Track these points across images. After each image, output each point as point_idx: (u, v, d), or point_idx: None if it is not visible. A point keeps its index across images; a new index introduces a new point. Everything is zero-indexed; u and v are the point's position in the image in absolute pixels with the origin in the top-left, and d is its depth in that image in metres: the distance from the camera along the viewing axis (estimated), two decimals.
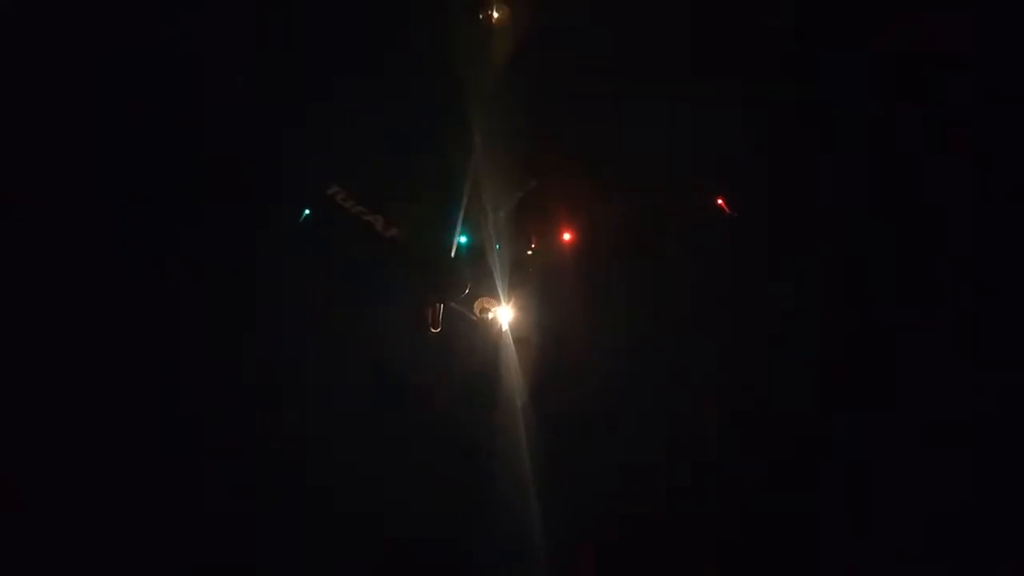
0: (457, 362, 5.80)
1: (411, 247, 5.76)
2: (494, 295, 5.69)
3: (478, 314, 5.73)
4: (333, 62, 6.25)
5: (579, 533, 5.53)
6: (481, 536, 5.61)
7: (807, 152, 5.90)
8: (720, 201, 5.90)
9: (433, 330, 5.71)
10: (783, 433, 5.66)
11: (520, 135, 5.82)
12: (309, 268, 6.02)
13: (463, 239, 5.79)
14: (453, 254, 5.76)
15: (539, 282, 5.84)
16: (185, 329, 6.03)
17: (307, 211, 5.95)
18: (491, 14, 6.03)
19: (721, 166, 5.94)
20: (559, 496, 5.55)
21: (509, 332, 5.73)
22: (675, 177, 5.92)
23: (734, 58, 5.85)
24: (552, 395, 5.70)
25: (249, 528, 5.73)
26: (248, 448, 5.84)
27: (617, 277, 5.91)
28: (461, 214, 5.76)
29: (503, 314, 5.75)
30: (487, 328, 5.76)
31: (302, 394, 5.97)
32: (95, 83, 6.30)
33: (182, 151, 6.19)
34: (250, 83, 6.28)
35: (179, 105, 6.25)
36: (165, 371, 5.94)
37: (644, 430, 5.70)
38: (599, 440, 5.67)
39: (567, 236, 5.96)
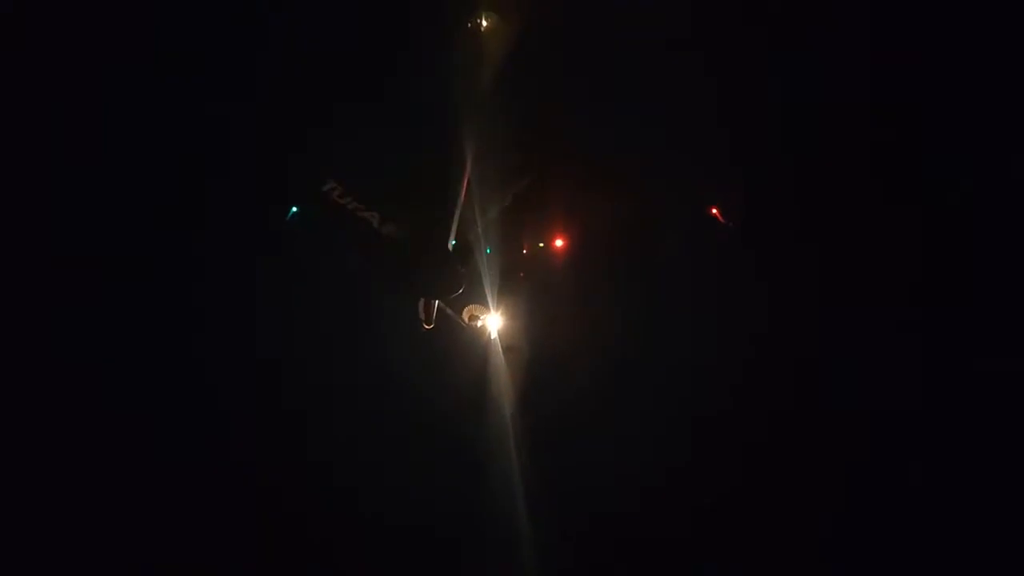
0: (447, 371, 5.80)
1: (407, 244, 5.73)
2: (483, 302, 5.65)
3: (467, 321, 5.70)
4: (328, 61, 6.18)
5: (569, 541, 5.59)
6: (471, 543, 5.65)
7: (802, 156, 5.79)
8: (714, 211, 5.78)
9: (426, 327, 5.68)
10: (774, 443, 5.65)
11: (512, 138, 5.71)
12: (303, 265, 6.03)
13: (454, 242, 5.75)
14: (449, 251, 5.72)
15: (529, 289, 5.78)
16: (178, 329, 6.07)
17: (294, 209, 5.91)
18: (479, 21, 5.93)
19: (715, 171, 5.84)
20: (549, 505, 5.59)
21: (498, 340, 5.69)
22: (668, 183, 5.81)
23: (728, 61, 5.67)
24: (541, 404, 5.72)
25: (245, 527, 5.83)
26: (241, 449, 5.92)
27: (608, 285, 5.86)
28: (458, 212, 5.71)
29: (492, 322, 5.70)
30: (476, 336, 5.73)
31: (296, 394, 6.01)
32: (96, 82, 6.29)
33: (176, 148, 6.18)
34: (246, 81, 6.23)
35: (175, 103, 6.22)
36: (158, 372, 6.00)
37: (634, 439, 5.70)
38: (589, 449, 5.68)
39: (559, 243, 5.89)
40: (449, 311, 5.72)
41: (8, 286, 5.99)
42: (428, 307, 5.63)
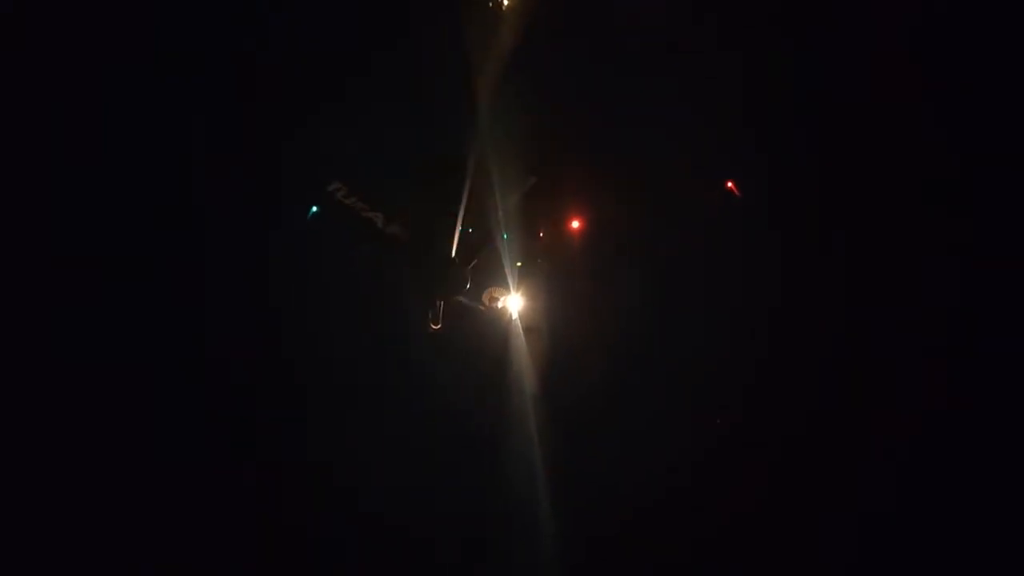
0: (466, 352, 5.85)
1: (411, 243, 5.79)
2: (503, 284, 5.73)
3: (487, 303, 5.77)
4: (335, 58, 6.23)
5: (588, 521, 5.63)
6: (491, 525, 5.72)
7: (812, 148, 5.92)
8: (730, 184, 5.90)
9: (433, 327, 5.73)
10: (790, 421, 5.75)
11: (528, 124, 5.82)
12: (309, 265, 6.05)
13: (469, 230, 5.81)
14: (454, 250, 5.77)
15: (548, 271, 5.88)
16: (190, 329, 6.04)
17: (314, 208, 5.95)
18: (500, 1, 6.04)
19: (728, 157, 5.99)
20: (569, 485, 5.65)
21: (519, 321, 5.77)
22: (683, 167, 5.94)
23: (740, 51, 5.85)
24: (561, 383, 5.78)
25: (262, 525, 5.81)
26: (256, 445, 5.92)
27: (626, 266, 5.96)
28: (462, 210, 5.75)
29: (513, 303, 5.79)
30: (496, 317, 5.80)
31: (307, 389, 6.02)
32: (99, 84, 6.28)
33: (185, 151, 6.19)
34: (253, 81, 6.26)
35: (183, 104, 6.23)
36: (170, 370, 5.95)
37: (652, 420, 5.78)
38: (608, 430, 5.77)
39: (576, 224, 5.99)
40: (463, 299, 5.77)
41: (8, 286, 5.94)
42: (434, 307, 5.70)
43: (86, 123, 6.18)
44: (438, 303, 5.72)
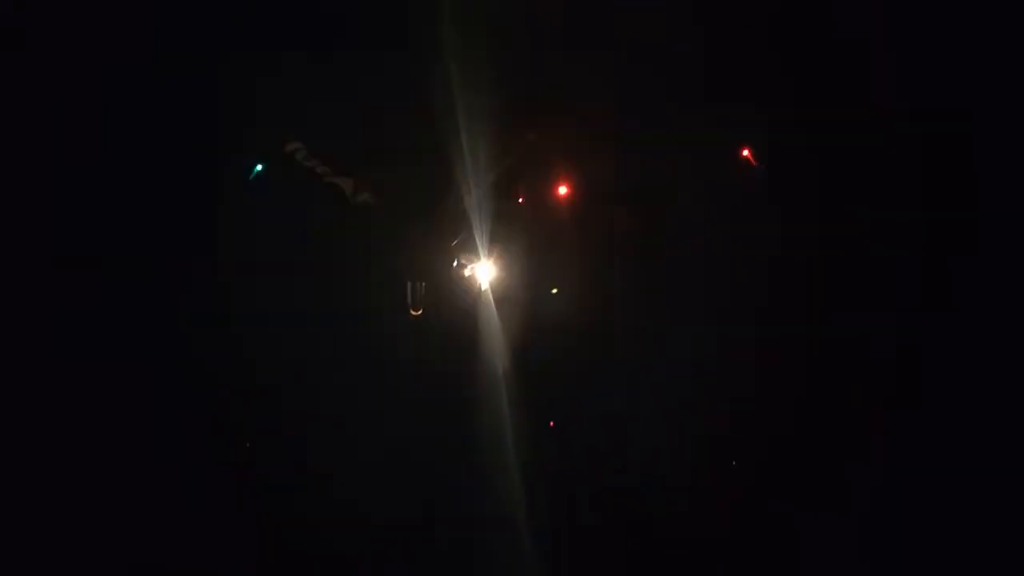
0: (436, 328, 5.39)
1: (385, 214, 5.32)
2: (473, 250, 5.27)
3: (455, 271, 5.32)
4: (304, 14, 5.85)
5: (564, 500, 5.28)
6: (464, 508, 5.28)
7: (812, 144, 5.57)
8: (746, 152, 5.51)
9: (413, 312, 5.29)
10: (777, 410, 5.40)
11: (508, 89, 5.34)
12: (265, 235, 5.46)
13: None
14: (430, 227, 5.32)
15: (522, 237, 5.42)
16: (145, 306, 5.73)
17: (259, 167, 5.43)
18: None
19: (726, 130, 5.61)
20: (544, 462, 5.25)
21: (490, 291, 5.29)
22: (672, 137, 5.52)
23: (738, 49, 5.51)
24: (534, 356, 5.33)
25: (228, 515, 5.40)
26: (227, 431, 5.55)
27: (606, 233, 5.56)
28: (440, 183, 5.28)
29: (483, 271, 5.30)
30: (466, 287, 5.33)
31: (270, 372, 5.50)
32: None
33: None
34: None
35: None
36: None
37: (632, 393, 5.38)
38: (585, 402, 5.34)
39: (557, 190, 5.55)
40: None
41: (8, 286, 5.86)
42: (414, 288, 5.27)
43: (84, 122, 6.15)
44: (418, 284, 5.26)
